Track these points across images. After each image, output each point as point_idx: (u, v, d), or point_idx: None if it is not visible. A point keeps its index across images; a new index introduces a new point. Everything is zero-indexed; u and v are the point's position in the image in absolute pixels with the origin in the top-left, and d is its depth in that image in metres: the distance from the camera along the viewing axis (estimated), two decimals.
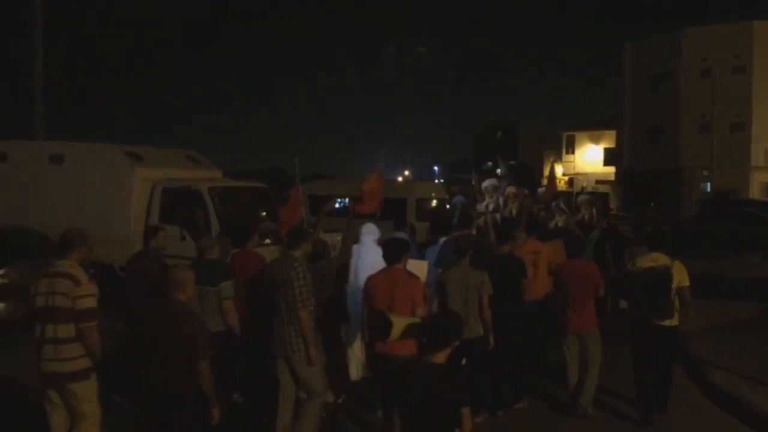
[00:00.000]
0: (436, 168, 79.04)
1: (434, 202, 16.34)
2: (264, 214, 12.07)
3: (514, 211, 10.76)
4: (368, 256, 6.70)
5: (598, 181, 51.95)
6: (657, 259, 6.71)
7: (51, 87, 16.77)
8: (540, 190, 14.98)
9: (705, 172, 38.64)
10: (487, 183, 11.65)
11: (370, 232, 7.08)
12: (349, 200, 9.46)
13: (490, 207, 10.70)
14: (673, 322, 6.72)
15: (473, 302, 6.35)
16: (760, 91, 37.98)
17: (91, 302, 4.91)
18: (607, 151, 54.93)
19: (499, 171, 23.58)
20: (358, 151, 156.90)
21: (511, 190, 11.22)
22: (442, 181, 57.01)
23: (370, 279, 5.84)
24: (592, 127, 57.24)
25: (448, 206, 16.47)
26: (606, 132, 54.90)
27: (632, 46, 45.08)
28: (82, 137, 14.31)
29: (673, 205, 35.74)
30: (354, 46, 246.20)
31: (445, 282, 6.43)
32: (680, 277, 6.71)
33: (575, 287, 6.94)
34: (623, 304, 8.71)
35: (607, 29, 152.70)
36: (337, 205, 13.06)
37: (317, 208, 9.92)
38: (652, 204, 33.63)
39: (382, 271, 5.81)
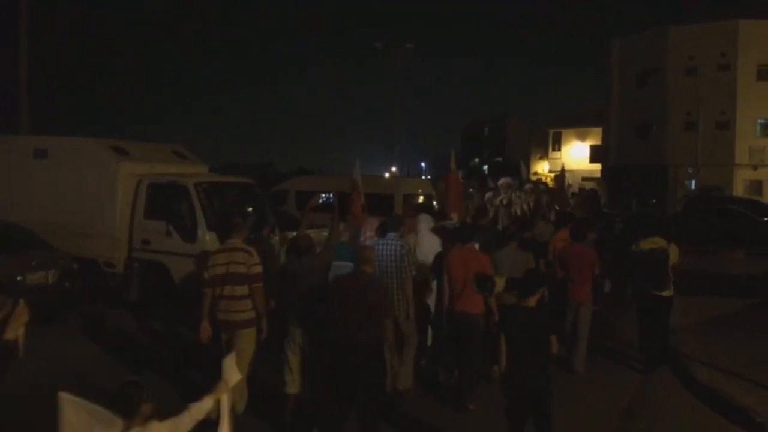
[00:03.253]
0: (423, 164, 79.09)
1: (421, 198, 16.36)
2: (250, 209, 12.02)
3: (531, 204, 13.01)
4: (424, 241, 8.27)
5: (584, 178, 52.18)
6: (656, 242, 8.30)
7: (37, 82, 16.67)
8: (527, 186, 16.29)
9: (690, 170, 38.90)
10: (502, 181, 13.96)
11: (425, 221, 8.80)
12: (333, 196, 9.50)
13: (504, 201, 13.00)
14: (669, 293, 8.31)
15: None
16: (744, 89, 38.27)
17: (259, 268, 6.43)
18: (593, 148, 55.17)
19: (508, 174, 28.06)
20: (346, 147, 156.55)
21: (529, 186, 13.81)
22: (429, 177, 57.00)
23: (450, 255, 7.32)
24: (579, 123, 57.47)
25: (435, 202, 16.58)
26: (592, 129, 55.15)
27: (619, 42, 45.22)
28: (67, 133, 14.15)
29: (659, 202, 36.00)
30: (343, 43, 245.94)
31: (498, 259, 7.81)
32: (674, 256, 8.41)
33: (575, 265, 8.40)
34: (607, 286, 10.11)
35: (597, 25, 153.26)
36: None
37: (303, 203, 9.93)
38: (653, 200, 34.15)
39: (459, 248, 7.34)
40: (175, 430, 3.68)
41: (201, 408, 3.91)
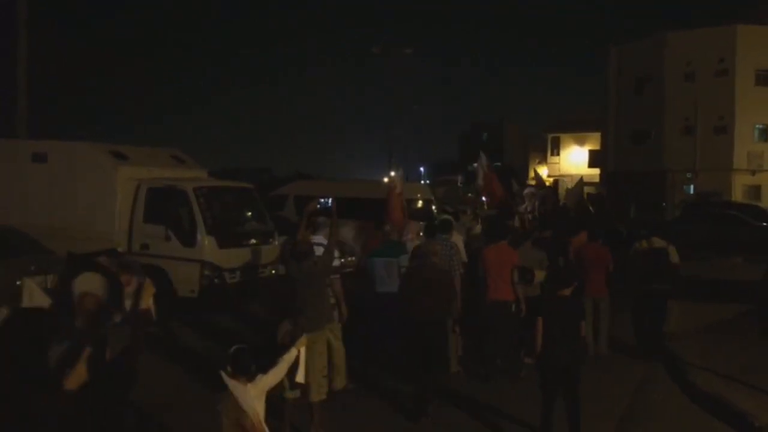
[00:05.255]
0: (422, 169, 79.02)
1: (420, 203, 16.42)
2: (249, 214, 12.03)
3: (536, 205, 15.53)
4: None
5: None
6: (655, 242, 9.33)
7: (37, 82, 16.62)
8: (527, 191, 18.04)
9: (688, 175, 38.93)
10: (526, 191, 16.78)
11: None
12: (332, 201, 9.53)
13: (528, 209, 15.65)
14: (667, 287, 9.15)
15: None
16: (742, 94, 38.33)
17: (337, 262, 7.23)
18: (591, 153, 55.20)
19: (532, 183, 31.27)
20: (346, 148, 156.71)
21: (529, 191, 16.49)
22: (427, 182, 56.97)
23: (486, 251, 8.31)
24: (577, 128, 57.50)
25: (434, 207, 16.67)
26: (590, 134, 55.19)
27: (617, 49, 45.30)
28: (67, 133, 14.18)
29: (658, 208, 36.00)
30: (343, 43, 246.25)
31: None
32: (673, 255, 9.22)
33: (591, 263, 9.13)
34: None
35: (595, 31, 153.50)
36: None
37: (302, 208, 9.94)
38: (664, 204, 34.36)
39: (493, 246, 8.35)
40: (277, 376, 4.69)
41: (290, 356, 4.93)
